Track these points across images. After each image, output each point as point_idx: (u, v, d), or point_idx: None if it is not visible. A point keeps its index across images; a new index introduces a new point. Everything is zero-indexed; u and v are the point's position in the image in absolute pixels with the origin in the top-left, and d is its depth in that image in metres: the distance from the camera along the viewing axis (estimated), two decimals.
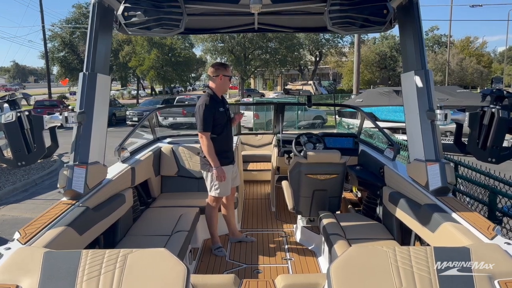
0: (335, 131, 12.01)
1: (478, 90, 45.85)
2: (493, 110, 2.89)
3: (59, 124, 3.10)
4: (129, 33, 3.43)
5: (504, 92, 2.91)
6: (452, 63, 43.86)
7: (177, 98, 28.68)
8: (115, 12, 3.39)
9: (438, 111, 3.03)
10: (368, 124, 6.86)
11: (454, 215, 2.66)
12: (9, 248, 2.16)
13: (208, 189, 4.15)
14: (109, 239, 3.39)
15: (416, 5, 3.25)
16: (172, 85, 49.79)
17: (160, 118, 21.18)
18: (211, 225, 4.26)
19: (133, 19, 3.21)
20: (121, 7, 3.20)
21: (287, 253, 4.24)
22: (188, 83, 52.26)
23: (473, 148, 3.00)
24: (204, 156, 4.04)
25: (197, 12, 3.95)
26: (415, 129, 3.21)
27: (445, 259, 1.92)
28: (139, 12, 3.16)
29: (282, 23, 4.71)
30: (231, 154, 4.20)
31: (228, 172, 4.11)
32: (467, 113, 3.04)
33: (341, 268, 1.91)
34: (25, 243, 2.27)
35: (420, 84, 3.18)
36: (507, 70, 60.71)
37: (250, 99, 31.60)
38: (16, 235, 2.34)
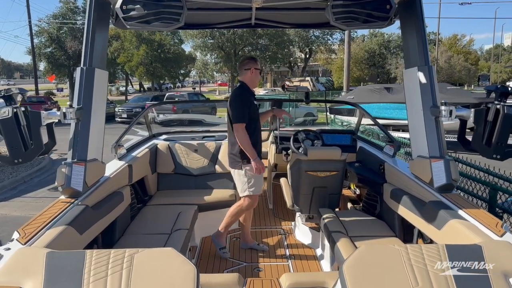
0: (326, 128, 11.99)
1: (466, 87, 46.45)
2: (498, 106, 2.88)
3: (56, 121, 3.02)
4: (128, 27, 3.34)
5: (509, 88, 2.91)
6: (440, 61, 44.27)
7: (167, 94, 28.47)
8: (111, 6, 3.31)
9: (442, 107, 3.02)
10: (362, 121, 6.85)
11: (460, 212, 2.64)
12: (9, 249, 2.09)
13: (240, 189, 3.97)
14: (107, 239, 3.32)
15: (419, 0, 3.23)
16: (161, 82, 49.37)
17: (151, 115, 20.92)
18: (230, 223, 4.11)
19: (132, 13, 3.12)
20: (119, 0, 3.11)
21: (287, 251, 4.21)
22: (177, 80, 51.82)
23: (478, 145, 2.99)
24: (234, 153, 3.91)
25: (195, 6, 3.88)
26: (419, 125, 3.19)
27: (458, 256, 1.89)
28: (138, 6, 3.08)
29: (279, 18, 4.65)
30: (261, 152, 4.06)
31: None
32: (472, 110, 3.03)
33: (354, 267, 1.88)
34: (25, 243, 2.19)
35: (423, 80, 3.16)
36: (493, 68, 61.49)
37: None
38: (15, 235, 2.27)
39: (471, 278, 1.82)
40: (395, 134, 6.28)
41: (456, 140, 3.40)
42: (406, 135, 8.86)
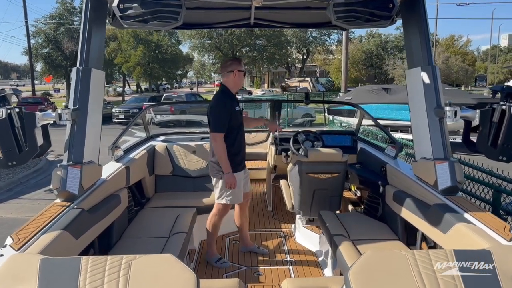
0: (324, 129, 11.94)
1: (463, 88, 46.54)
2: (504, 107, 2.82)
3: (51, 122, 2.94)
4: (125, 26, 3.26)
5: None
6: (438, 62, 44.32)
7: (164, 95, 28.38)
8: (108, 4, 3.24)
9: (447, 108, 2.95)
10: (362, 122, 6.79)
11: (466, 215, 2.58)
12: (1, 255, 2.01)
13: (217, 196, 3.82)
14: (104, 243, 3.23)
15: None
16: (158, 82, 49.25)
17: (148, 116, 20.81)
18: (213, 236, 3.95)
19: (129, 12, 3.05)
20: None
21: (287, 254, 4.13)
22: (174, 81, 51.71)
23: (484, 146, 2.93)
24: (213, 161, 3.76)
25: (193, 5, 3.81)
26: (422, 126, 3.13)
27: (466, 262, 1.83)
28: (135, 4, 3.02)
29: (279, 18, 4.58)
30: (244, 159, 3.92)
31: (241, 179, 3.82)
32: (477, 110, 2.97)
33: (361, 273, 1.81)
34: (18, 249, 2.11)
35: (427, 80, 3.10)
36: (490, 69, 61.67)
37: (239, 97, 31.41)
38: (9, 241, 2.19)
39: (480, 284, 1.76)
40: (394, 135, 6.24)
41: (455, 141, 3.35)
42: (404, 135, 8.81)
